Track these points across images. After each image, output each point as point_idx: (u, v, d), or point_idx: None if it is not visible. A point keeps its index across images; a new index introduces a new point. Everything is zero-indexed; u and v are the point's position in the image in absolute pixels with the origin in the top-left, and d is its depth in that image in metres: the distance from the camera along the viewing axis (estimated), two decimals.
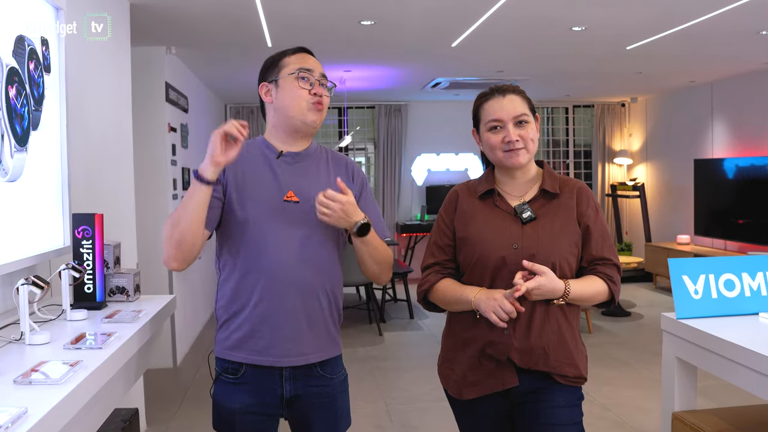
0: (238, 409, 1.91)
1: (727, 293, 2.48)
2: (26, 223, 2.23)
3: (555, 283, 1.85)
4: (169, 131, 5.41)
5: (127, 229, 3.82)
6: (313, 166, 1.98)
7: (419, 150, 9.66)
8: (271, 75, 1.96)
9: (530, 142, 1.96)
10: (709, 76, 7.58)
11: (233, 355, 1.91)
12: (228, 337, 1.91)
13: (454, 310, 2.02)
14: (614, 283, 1.98)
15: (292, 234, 1.89)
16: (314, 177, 1.96)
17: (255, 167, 1.92)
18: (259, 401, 1.92)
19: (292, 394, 1.93)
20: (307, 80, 1.92)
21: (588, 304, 2.01)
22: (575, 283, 1.91)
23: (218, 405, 1.95)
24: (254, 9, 4.23)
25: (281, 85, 1.93)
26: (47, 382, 1.46)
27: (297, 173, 1.94)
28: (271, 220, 1.87)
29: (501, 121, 1.96)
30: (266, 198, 1.89)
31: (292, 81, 1.91)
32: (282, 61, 1.95)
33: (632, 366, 5.28)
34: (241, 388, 1.91)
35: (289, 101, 1.92)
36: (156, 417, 4.24)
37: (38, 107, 2.30)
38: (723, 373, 2.22)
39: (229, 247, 1.91)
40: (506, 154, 1.96)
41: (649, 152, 9.47)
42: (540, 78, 7.48)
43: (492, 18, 4.57)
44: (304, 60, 1.95)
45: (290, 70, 1.93)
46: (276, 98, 1.94)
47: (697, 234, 8.07)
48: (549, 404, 1.95)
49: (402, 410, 4.36)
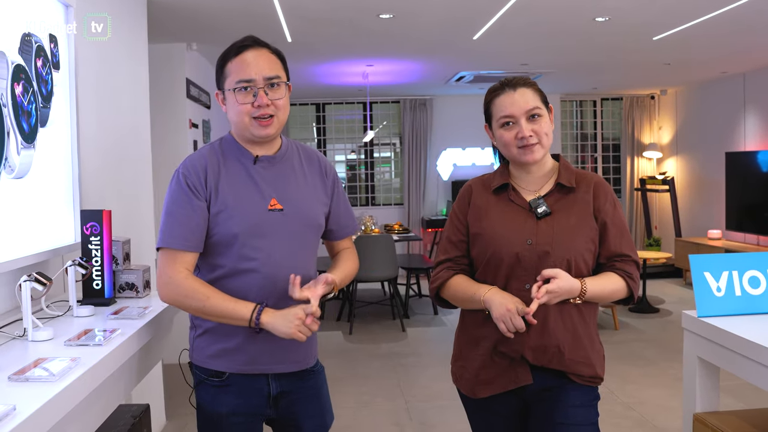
0: (226, 413, 1.86)
1: (752, 291, 2.39)
2: (34, 219, 2.23)
3: (571, 282, 1.80)
4: (191, 127, 5.43)
5: (145, 224, 3.84)
6: (289, 168, 1.93)
7: (445, 144, 9.59)
8: (221, 82, 1.86)
9: (544, 136, 1.90)
10: (741, 67, 7.38)
11: (215, 364, 1.85)
12: (209, 345, 1.85)
13: (464, 307, 1.98)
14: (633, 280, 1.92)
15: (280, 245, 1.85)
16: (292, 180, 1.91)
17: (235, 176, 1.85)
18: (246, 402, 1.87)
19: (279, 391, 1.90)
20: (249, 91, 1.80)
21: (606, 301, 1.95)
22: (591, 280, 1.86)
23: (204, 409, 1.90)
24: (271, 4, 4.21)
25: (227, 97, 1.85)
26: (42, 379, 1.46)
27: (276, 178, 1.88)
28: (258, 233, 1.82)
29: (513, 116, 1.90)
30: (251, 211, 1.82)
31: (231, 96, 1.82)
32: (225, 68, 1.84)
33: (658, 364, 5.16)
34: (227, 389, 1.86)
35: (234, 117, 1.85)
36: (176, 411, 4.25)
37: (47, 104, 2.31)
38: (746, 374, 2.14)
39: (213, 259, 1.84)
40: (520, 150, 1.90)
41: (680, 145, 9.28)
42: (565, 70, 7.37)
43: (512, 9, 4.49)
44: (242, 67, 1.80)
45: (230, 83, 1.82)
46: (227, 110, 1.87)
47: (728, 229, 7.88)
48: (564, 403, 1.90)
49: (421, 408, 4.32)
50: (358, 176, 9.93)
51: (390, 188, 10.00)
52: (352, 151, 9.89)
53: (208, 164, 1.83)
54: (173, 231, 1.78)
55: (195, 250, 1.80)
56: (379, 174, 10.01)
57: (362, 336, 6.24)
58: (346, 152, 9.89)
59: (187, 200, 1.79)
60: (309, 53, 5.82)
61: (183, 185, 1.80)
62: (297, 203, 1.88)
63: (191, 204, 1.79)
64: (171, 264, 1.77)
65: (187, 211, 1.79)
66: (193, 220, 1.79)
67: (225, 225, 1.80)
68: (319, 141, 9.78)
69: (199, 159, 1.85)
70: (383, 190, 9.96)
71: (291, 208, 1.86)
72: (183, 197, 1.80)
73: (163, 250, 1.80)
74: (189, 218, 1.79)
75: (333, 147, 9.82)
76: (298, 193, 1.90)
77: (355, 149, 9.88)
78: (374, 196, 9.89)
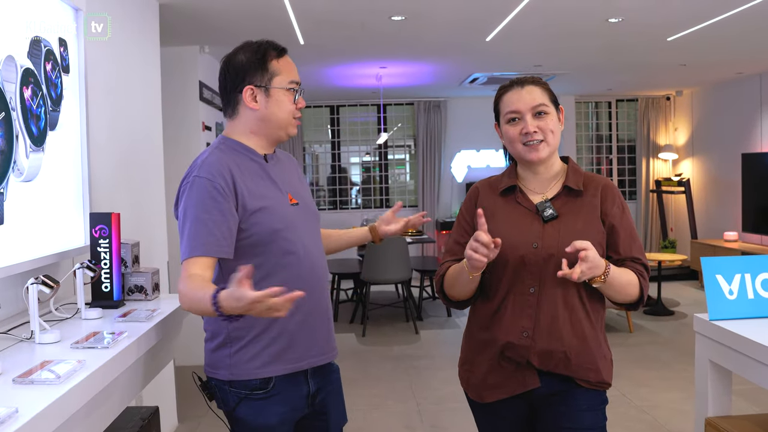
0: (276, 423, 1.85)
1: (765, 294, 2.36)
2: (43, 222, 2.25)
3: (598, 259, 1.74)
4: (203, 130, 5.46)
5: (157, 227, 3.86)
6: (285, 167, 2.01)
7: (459, 146, 9.57)
8: (259, 79, 1.84)
9: (549, 133, 1.89)
10: (758, 67, 7.30)
11: (265, 372, 1.82)
12: (257, 355, 1.81)
13: (460, 288, 1.90)
14: (644, 279, 1.89)
15: (308, 237, 1.92)
16: (292, 177, 2.01)
17: (255, 176, 1.85)
18: (291, 407, 1.88)
19: (316, 389, 1.94)
20: (296, 92, 1.89)
21: (620, 293, 1.86)
22: (613, 267, 1.80)
23: (249, 425, 1.84)
24: (282, 7, 4.22)
25: (272, 95, 1.85)
26: (46, 382, 1.46)
27: (283, 175, 1.95)
28: (291, 227, 1.87)
29: (519, 112, 1.89)
30: (282, 206, 1.87)
31: (283, 94, 1.86)
32: (270, 65, 1.85)
33: (673, 367, 5.12)
34: (272, 399, 1.84)
35: (279, 114, 1.87)
36: (188, 414, 4.27)
37: (56, 107, 2.32)
38: (757, 378, 2.12)
39: (249, 260, 1.74)
40: (525, 147, 1.89)
41: (696, 147, 9.19)
42: (580, 72, 7.32)
43: (524, 11, 4.47)
44: (292, 69, 1.89)
45: (283, 82, 1.86)
46: (264, 107, 1.85)
47: (745, 231, 7.79)
48: (571, 408, 1.89)
49: (433, 410, 4.31)
50: (373, 178, 9.92)
51: (405, 190, 9.99)
52: (366, 153, 9.89)
53: (231, 166, 1.81)
54: (204, 238, 1.73)
55: (227, 256, 1.77)
56: (395, 176, 10.01)
57: (375, 338, 6.24)
58: (360, 154, 9.89)
59: (217, 205, 1.75)
60: (322, 55, 5.82)
61: (211, 190, 1.75)
62: (303, 197, 1.98)
63: (221, 208, 1.75)
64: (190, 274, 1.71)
65: (217, 216, 1.74)
66: (226, 225, 1.75)
67: (265, 222, 1.81)
68: (334, 143, 9.79)
69: (218, 162, 1.81)
70: (398, 192, 9.95)
71: (302, 201, 1.95)
72: (211, 202, 1.75)
73: (190, 260, 1.73)
74: (221, 223, 1.75)
75: (347, 149, 9.83)
76: (300, 187, 2.01)
77: (369, 151, 9.88)
78: (388, 198, 9.88)
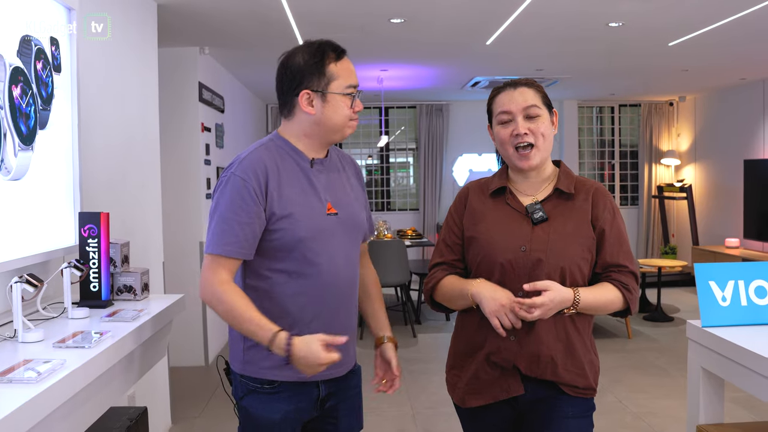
0: (279, 419, 1.84)
1: (759, 301, 2.34)
2: (32, 221, 2.24)
3: (563, 294, 1.76)
4: (203, 131, 5.46)
5: (154, 228, 3.85)
6: (336, 173, 1.94)
7: (461, 150, 9.56)
8: (316, 83, 1.80)
9: (540, 136, 1.87)
10: (761, 73, 7.27)
11: (273, 375, 1.82)
12: (267, 357, 1.79)
13: (456, 307, 1.94)
14: (629, 292, 1.87)
15: (338, 249, 1.86)
16: (340, 184, 1.93)
17: (293, 181, 1.82)
18: (297, 407, 1.87)
19: (327, 393, 1.91)
20: (353, 97, 1.85)
21: (600, 313, 1.90)
22: (585, 291, 1.82)
23: (254, 417, 1.85)
24: (281, 9, 4.22)
25: (329, 100, 1.81)
26: (24, 381, 1.46)
27: (328, 182, 1.89)
28: (320, 237, 1.82)
29: (510, 113, 1.88)
30: (313, 215, 1.81)
31: (340, 99, 1.82)
32: (327, 69, 1.80)
33: (670, 374, 5.09)
34: (279, 396, 1.84)
35: (335, 119, 1.83)
36: (182, 414, 4.27)
37: (47, 106, 2.32)
38: (748, 385, 2.10)
39: (269, 264, 1.81)
40: (516, 154, 1.88)
41: (698, 153, 9.16)
42: (581, 76, 7.31)
43: (525, 15, 4.46)
44: (350, 73, 1.85)
45: (340, 86, 1.81)
46: (320, 111, 1.82)
47: (746, 237, 7.76)
48: (558, 414, 1.87)
49: (427, 414, 4.29)
50: (374, 181, 9.92)
51: (407, 193, 9.98)
52: (369, 156, 9.88)
53: (268, 168, 1.79)
54: (227, 238, 1.74)
55: (246, 257, 1.77)
56: (398, 179, 10.00)
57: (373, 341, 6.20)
58: (362, 156, 9.89)
59: (245, 207, 1.74)
60: None
61: (242, 191, 1.75)
62: (348, 208, 1.90)
63: (249, 211, 1.74)
64: (216, 269, 1.74)
65: (243, 218, 1.74)
66: (249, 228, 1.75)
67: (291, 229, 1.78)
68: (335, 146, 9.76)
69: (258, 162, 1.79)
70: (400, 195, 9.94)
71: (344, 212, 1.88)
72: (241, 203, 1.74)
73: (211, 255, 1.76)
74: (245, 225, 1.74)
75: (349, 151, 9.81)
76: (346, 197, 1.91)
77: (372, 154, 9.87)
78: (389, 201, 9.87)
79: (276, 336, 1.68)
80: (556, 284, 1.76)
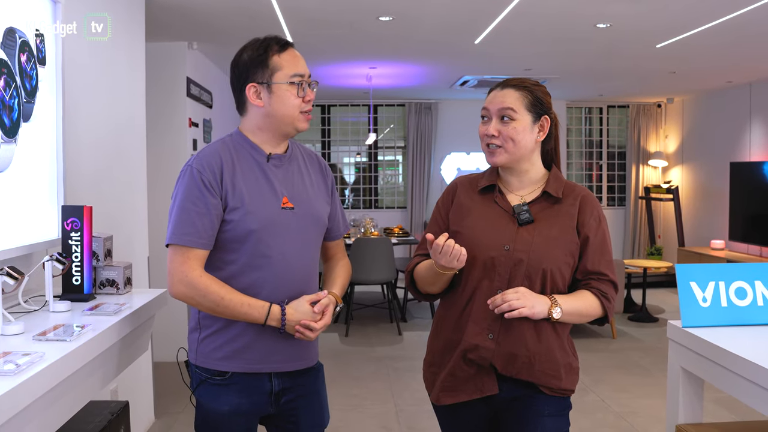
0: (227, 411, 1.87)
1: (739, 302, 2.36)
2: (14, 214, 2.23)
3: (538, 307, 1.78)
4: (190, 126, 5.44)
5: (139, 222, 3.84)
6: (296, 168, 1.96)
7: (449, 149, 9.59)
8: (261, 76, 1.84)
9: (509, 141, 1.87)
10: (747, 77, 7.33)
11: (224, 365, 1.86)
12: (219, 347, 1.86)
13: (434, 287, 1.92)
14: (608, 300, 1.89)
15: (292, 244, 1.88)
16: (299, 180, 1.95)
17: (248, 173, 1.86)
18: (248, 400, 1.88)
19: (281, 388, 1.91)
20: (300, 86, 1.85)
21: (579, 321, 1.92)
22: (565, 299, 1.83)
23: (204, 409, 1.91)
24: (269, 5, 4.21)
25: (275, 91, 1.84)
26: (2, 373, 1.44)
27: (286, 177, 1.91)
28: (272, 231, 1.84)
29: (488, 112, 1.91)
30: (266, 208, 1.84)
31: (286, 89, 1.84)
32: (272, 61, 1.84)
33: (653, 374, 5.12)
34: (229, 389, 1.87)
35: (283, 110, 1.85)
36: (166, 409, 4.25)
37: (31, 99, 2.31)
38: (728, 386, 2.11)
39: (224, 255, 1.84)
40: (487, 149, 1.92)
41: (685, 154, 9.23)
42: (570, 77, 7.34)
43: (513, 14, 4.48)
44: (296, 63, 1.86)
45: (284, 76, 1.84)
46: (268, 103, 1.85)
47: (732, 239, 7.82)
48: (533, 412, 1.88)
49: (411, 411, 4.31)
50: (362, 178, 9.92)
51: (395, 191, 9.99)
52: (357, 153, 9.88)
53: (223, 160, 1.83)
54: (186, 228, 1.78)
55: (206, 248, 1.81)
56: (385, 177, 10.00)
57: (358, 339, 6.23)
58: (350, 154, 9.88)
59: (202, 197, 1.78)
60: (311, 54, 5.80)
61: (198, 181, 1.79)
62: (306, 202, 1.92)
63: (205, 201, 1.79)
64: (184, 261, 1.78)
65: (200, 208, 1.78)
66: (207, 218, 1.79)
67: (241, 221, 1.81)
68: (324, 143, 9.77)
69: (213, 155, 1.84)
70: (388, 193, 9.95)
71: (301, 207, 1.90)
72: (197, 194, 1.79)
73: (174, 247, 1.79)
74: (203, 215, 1.78)
75: (338, 149, 9.82)
76: (305, 192, 1.93)
77: (360, 151, 9.87)
78: (377, 199, 9.88)
79: (270, 310, 1.80)
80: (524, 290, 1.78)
